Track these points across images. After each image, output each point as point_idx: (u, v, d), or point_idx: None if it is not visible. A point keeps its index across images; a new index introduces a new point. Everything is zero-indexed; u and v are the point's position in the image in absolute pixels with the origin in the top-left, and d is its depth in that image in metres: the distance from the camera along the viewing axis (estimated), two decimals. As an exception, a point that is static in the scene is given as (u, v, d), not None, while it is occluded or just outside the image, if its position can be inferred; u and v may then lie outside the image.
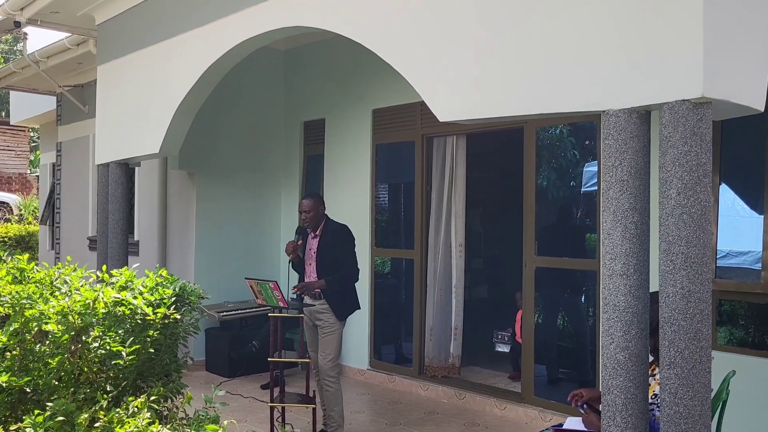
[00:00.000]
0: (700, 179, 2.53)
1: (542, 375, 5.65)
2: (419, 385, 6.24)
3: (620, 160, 2.71)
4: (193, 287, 2.80)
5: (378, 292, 6.77)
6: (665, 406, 2.54)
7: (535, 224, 5.49)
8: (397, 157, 6.84)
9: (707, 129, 2.56)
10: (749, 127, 4.27)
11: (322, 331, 4.76)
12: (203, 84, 5.23)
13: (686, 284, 2.51)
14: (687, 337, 2.50)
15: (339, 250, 4.78)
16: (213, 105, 6.37)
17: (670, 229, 2.55)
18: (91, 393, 2.45)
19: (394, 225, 7.04)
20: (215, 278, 7.01)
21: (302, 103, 7.54)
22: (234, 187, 7.39)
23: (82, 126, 9.00)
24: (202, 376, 6.85)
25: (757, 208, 4.39)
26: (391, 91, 6.39)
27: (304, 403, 4.75)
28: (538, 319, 5.70)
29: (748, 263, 4.39)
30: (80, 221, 9.06)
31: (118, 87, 6.11)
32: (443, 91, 3.47)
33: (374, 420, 5.55)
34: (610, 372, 2.70)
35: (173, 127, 5.39)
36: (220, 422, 2.23)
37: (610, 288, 2.72)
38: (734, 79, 2.66)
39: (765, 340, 4.31)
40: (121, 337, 2.51)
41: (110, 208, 5.82)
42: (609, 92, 2.77)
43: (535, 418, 5.31)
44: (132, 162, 6.05)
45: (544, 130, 5.60)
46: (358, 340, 6.77)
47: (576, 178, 5.77)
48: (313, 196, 4.93)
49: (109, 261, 5.64)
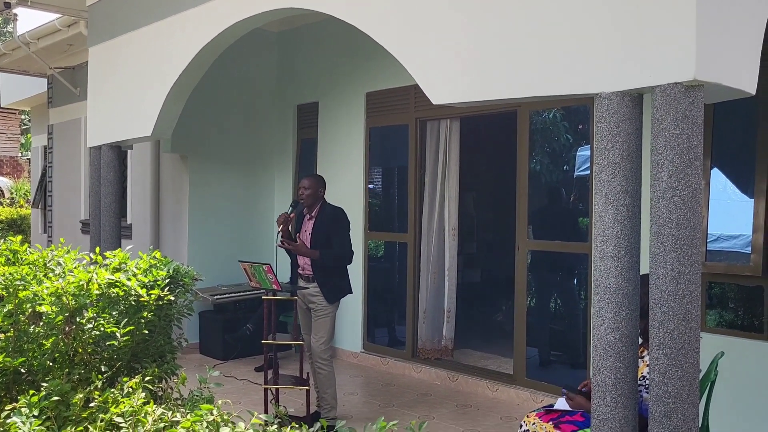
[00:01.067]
0: (691, 162, 2.55)
1: (534, 357, 5.70)
2: (412, 367, 6.29)
3: (612, 143, 2.72)
4: (187, 269, 2.81)
5: (371, 275, 6.79)
6: (654, 386, 2.57)
7: (528, 208, 5.51)
8: (391, 140, 6.83)
9: (699, 112, 2.57)
10: (741, 111, 4.29)
11: (315, 313, 4.78)
12: (196, 66, 5.20)
13: (676, 266, 2.53)
14: (676, 319, 2.53)
15: (334, 233, 4.79)
16: (206, 87, 6.34)
17: (661, 212, 2.57)
18: (86, 374, 2.47)
19: (387, 208, 7.05)
20: (209, 261, 7.02)
21: (295, 86, 7.51)
22: (227, 170, 7.38)
23: (73, 108, 8.94)
24: (196, 358, 6.88)
25: (747, 191, 4.42)
26: (384, 75, 6.37)
27: (297, 385, 4.78)
28: (531, 302, 5.74)
29: (738, 247, 4.43)
30: (72, 204, 9.03)
31: (109, 69, 6.07)
32: (436, 74, 3.47)
33: (367, 402, 5.59)
34: (600, 353, 2.73)
35: (165, 109, 5.37)
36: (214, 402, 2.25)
37: (601, 270, 2.74)
38: (726, 62, 2.67)
39: (754, 323, 4.36)
40: (115, 318, 2.52)
41: (102, 191, 5.81)
42: (602, 75, 2.78)
43: (526, 400, 5.37)
44: (124, 145, 6.02)
45: (538, 114, 5.61)
46: (352, 323, 6.80)
47: (569, 162, 5.79)
48: (316, 177, 4.99)
49: (101, 244, 5.63)
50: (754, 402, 4.25)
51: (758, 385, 4.23)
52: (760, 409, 4.23)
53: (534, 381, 5.45)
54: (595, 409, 2.75)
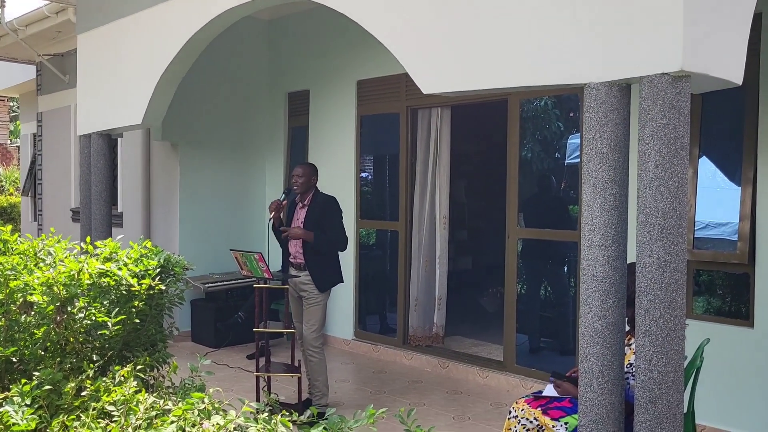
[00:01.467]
0: (677, 152, 2.57)
1: (524, 344, 5.75)
2: (403, 354, 6.33)
3: (600, 133, 2.75)
4: (178, 258, 2.82)
5: (362, 263, 6.82)
6: (640, 373, 2.61)
7: (519, 196, 5.54)
8: (382, 128, 6.84)
9: (685, 102, 2.59)
10: (729, 100, 4.32)
11: (307, 302, 4.80)
12: (186, 53, 5.18)
13: (662, 255, 2.56)
14: (662, 306, 2.56)
15: (327, 221, 4.81)
16: (196, 75, 6.31)
17: (647, 201, 2.60)
18: (78, 363, 2.48)
19: (378, 197, 7.07)
20: (200, 250, 7.03)
21: (286, 74, 7.49)
22: (218, 158, 7.36)
23: (63, 96, 8.88)
24: (188, 346, 6.90)
25: (735, 179, 4.46)
26: (375, 63, 6.36)
27: (289, 372, 4.81)
28: (521, 290, 5.78)
29: (726, 234, 4.47)
30: (63, 192, 8.99)
31: (99, 56, 6.03)
32: (427, 63, 3.48)
33: (359, 389, 5.64)
34: (587, 340, 2.77)
35: (156, 97, 5.34)
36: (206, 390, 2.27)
37: (588, 258, 2.77)
38: (713, 52, 2.69)
39: (740, 310, 4.42)
40: (106, 307, 2.53)
41: (93, 179, 5.79)
42: (590, 65, 2.80)
43: (516, 386, 5.42)
44: (114, 133, 6.00)
45: (529, 101, 5.62)
46: (343, 311, 6.83)
47: (560, 150, 5.82)
48: (309, 165, 5.00)
49: (92, 233, 5.62)
50: (740, 388, 4.31)
51: (744, 372, 4.29)
52: (746, 394, 4.30)
53: (524, 368, 5.51)
54: (582, 396, 2.79)
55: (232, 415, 1.88)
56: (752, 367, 4.26)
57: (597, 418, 2.73)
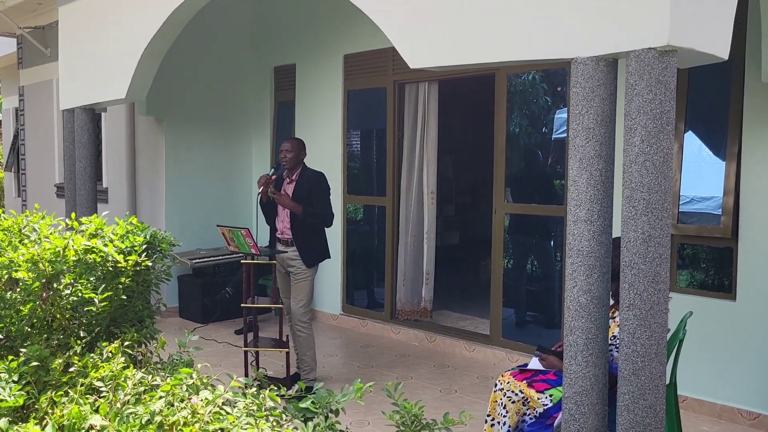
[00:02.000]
0: (663, 127, 2.58)
1: (510, 317, 5.81)
2: (391, 329, 6.38)
3: (587, 108, 2.74)
4: (164, 235, 2.80)
5: (350, 238, 6.83)
6: (624, 346, 2.65)
7: (506, 171, 5.56)
8: (369, 103, 6.80)
9: (672, 77, 2.59)
10: (715, 75, 4.33)
11: (294, 277, 4.81)
12: (170, 26, 5.09)
13: (647, 229, 2.58)
14: (646, 280, 2.59)
15: (315, 196, 4.80)
16: (181, 49, 6.23)
17: (633, 176, 2.61)
18: (65, 339, 2.48)
19: (365, 172, 7.06)
20: (187, 225, 7.01)
21: (272, 48, 7.40)
22: (204, 133, 7.31)
23: (45, 69, 8.74)
24: (176, 322, 6.91)
25: (720, 154, 4.49)
26: (362, 37, 6.31)
27: (277, 347, 4.84)
28: (508, 264, 5.83)
29: (710, 208, 4.52)
30: (46, 168, 8.90)
31: (81, 29, 5.92)
32: (414, 37, 3.45)
33: (346, 363, 5.68)
34: (572, 314, 2.80)
35: (140, 71, 5.27)
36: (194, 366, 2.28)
37: (574, 233, 2.79)
38: (700, 27, 2.69)
39: (723, 283, 4.48)
40: (92, 284, 2.52)
41: (77, 154, 5.72)
42: (577, 40, 2.79)
43: (502, 359, 5.49)
44: (98, 107, 5.92)
45: (516, 76, 5.61)
46: (331, 286, 6.86)
47: (547, 124, 5.82)
48: (297, 140, 4.98)
49: (77, 208, 5.57)
50: (721, 360, 4.39)
51: (725, 344, 4.37)
52: (727, 366, 4.38)
53: (510, 341, 5.57)
54: (566, 368, 2.83)
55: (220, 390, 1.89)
56: (734, 340, 4.34)
57: (581, 390, 2.77)
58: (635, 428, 2.62)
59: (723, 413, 4.38)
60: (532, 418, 3.27)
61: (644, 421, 2.61)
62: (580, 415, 2.78)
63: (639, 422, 2.62)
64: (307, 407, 1.91)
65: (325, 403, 1.90)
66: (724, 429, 4.26)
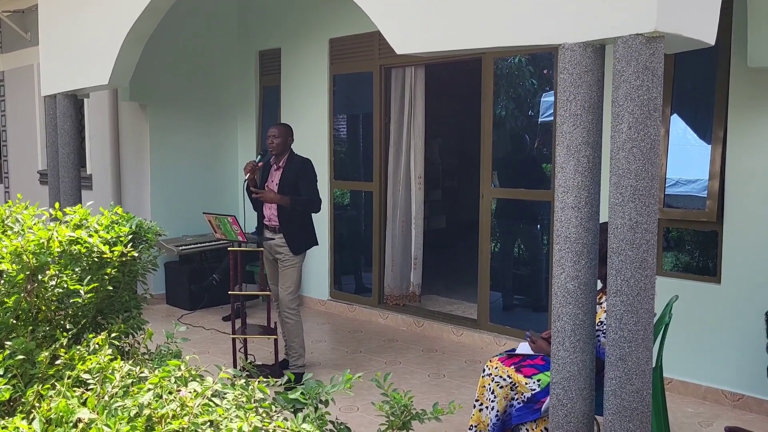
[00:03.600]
0: (650, 114, 2.58)
1: (498, 301, 5.84)
2: (379, 314, 6.40)
3: (575, 95, 2.74)
4: (150, 224, 2.77)
5: (337, 224, 6.81)
6: (611, 331, 2.67)
7: (493, 155, 5.55)
8: (356, 88, 6.76)
9: (659, 64, 2.59)
10: (701, 60, 4.33)
11: (282, 264, 4.80)
12: (154, 10, 5.01)
13: (634, 216, 2.59)
14: (633, 266, 2.60)
15: (302, 183, 4.78)
16: (164, 34, 6.14)
17: (620, 163, 2.61)
18: (51, 331, 2.45)
19: (352, 157, 7.03)
20: (172, 212, 6.96)
21: (257, 32, 7.33)
22: (189, 119, 7.24)
23: (25, 54, 8.60)
24: (163, 309, 6.89)
25: (705, 137, 4.52)
26: (348, 21, 6.25)
27: (265, 334, 4.84)
28: (495, 248, 5.84)
29: (695, 191, 4.55)
30: (29, 154, 8.79)
31: (61, 13, 5.82)
32: (400, 23, 3.42)
33: (335, 348, 5.69)
34: (560, 300, 2.81)
35: (123, 56, 5.19)
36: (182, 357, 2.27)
37: (562, 220, 2.80)
38: (686, 13, 2.69)
39: (708, 266, 4.52)
40: (78, 275, 2.49)
41: (60, 141, 5.65)
42: (565, 26, 2.77)
43: (490, 343, 5.52)
44: (80, 93, 5.84)
45: (503, 59, 5.59)
46: (319, 272, 6.85)
47: (534, 107, 5.82)
48: (285, 126, 4.94)
49: (61, 196, 5.51)
50: (707, 342, 4.45)
51: (710, 326, 4.42)
52: (712, 348, 4.43)
53: (497, 325, 5.61)
54: (554, 354, 2.85)
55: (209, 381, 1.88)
56: (719, 322, 4.39)
57: (569, 375, 2.80)
58: (622, 412, 2.65)
59: (707, 395, 4.45)
60: (520, 403, 3.30)
61: (631, 405, 2.64)
62: (567, 400, 2.81)
63: (626, 406, 2.64)
64: (296, 398, 1.91)
65: (314, 394, 1.90)
66: (709, 410, 4.32)
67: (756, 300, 4.17)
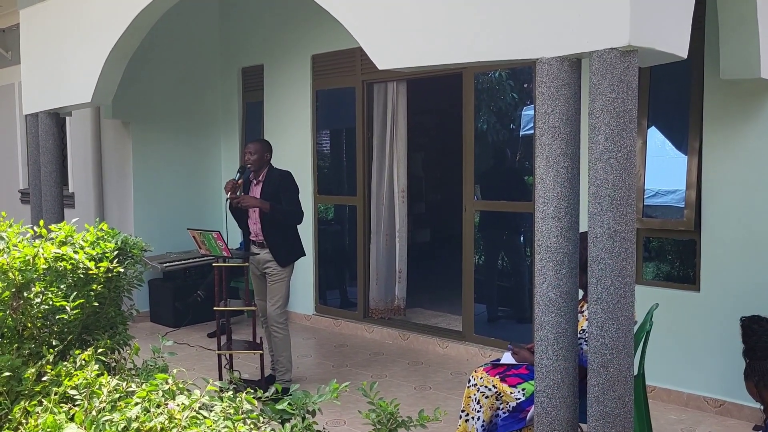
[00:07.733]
0: (626, 125, 2.65)
1: (482, 313, 5.88)
2: (364, 327, 6.41)
3: (552, 107, 2.80)
4: (136, 240, 2.79)
5: (321, 238, 6.83)
6: (592, 339, 2.72)
7: (475, 168, 5.62)
8: (338, 103, 6.81)
9: (633, 77, 2.67)
10: (676, 73, 4.44)
11: (270, 278, 4.81)
12: (136, 28, 5.04)
13: (612, 225, 2.65)
14: (613, 275, 2.66)
15: (283, 195, 4.80)
16: (147, 51, 6.17)
17: (598, 173, 2.68)
18: (37, 348, 2.45)
19: (336, 171, 7.07)
20: (156, 228, 6.93)
21: (239, 49, 7.37)
22: (172, 136, 7.24)
23: (6, 73, 8.56)
24: (147, 326, 6.85)
25: (682, 149, 4.61)
26: (330, 37, 6.31)
27: (251, 349, 4.83)
28: (479, 260, 5.89)
29: (674, 201, 4.63)
30: (10, 173, 8.73)
31: (43, 32, 5.82)
32: (381, 39, 3.48)
33: (321, 363, 5.69)
34: (542, 309, 2.86)
35: (105, 74, 5.20)
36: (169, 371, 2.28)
37: (543, 230, 2.85)
38: (659, 27, 2.77)
39: (688, 274, 4.60)
40: (63, 291, 2.50)
41: (42, 160, 5.63)
42: (542, 41, 2.84)
43: (475, 355, 5.56)
44: (62, 111, 5.83)
45: (483, 74, 5.67)
46: (304, 286, 6.86)
47: (515, 121, 5.90)
48: (262, 141, 4.98)
49: (44, 214, 5.49)
50: (688, 349, 4.51)
51: (690, 334, 4.49)
52: (692, 355, 4.50)
53: (482, 337, 5.64)
54: (538, 362, 2.89)
55: (197, 394, 1.90)
56: (698, 329, 4.46)
57: (552, 383, 2.84)
58: (605, 419, 2.69)
59: (690, 401, 4.50)
60: (506, 413, 3.33)
61: (614, 412, 2.69)
62: (552, 408, 2.84)
63: (609, 413, 2.69)
64: (284, 409, 1.93)
65: (301, 404, 1.92)
66: (691, 417, 4.38)
67: (734, 307, 4.25)
